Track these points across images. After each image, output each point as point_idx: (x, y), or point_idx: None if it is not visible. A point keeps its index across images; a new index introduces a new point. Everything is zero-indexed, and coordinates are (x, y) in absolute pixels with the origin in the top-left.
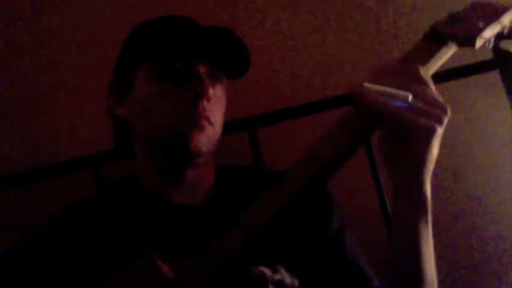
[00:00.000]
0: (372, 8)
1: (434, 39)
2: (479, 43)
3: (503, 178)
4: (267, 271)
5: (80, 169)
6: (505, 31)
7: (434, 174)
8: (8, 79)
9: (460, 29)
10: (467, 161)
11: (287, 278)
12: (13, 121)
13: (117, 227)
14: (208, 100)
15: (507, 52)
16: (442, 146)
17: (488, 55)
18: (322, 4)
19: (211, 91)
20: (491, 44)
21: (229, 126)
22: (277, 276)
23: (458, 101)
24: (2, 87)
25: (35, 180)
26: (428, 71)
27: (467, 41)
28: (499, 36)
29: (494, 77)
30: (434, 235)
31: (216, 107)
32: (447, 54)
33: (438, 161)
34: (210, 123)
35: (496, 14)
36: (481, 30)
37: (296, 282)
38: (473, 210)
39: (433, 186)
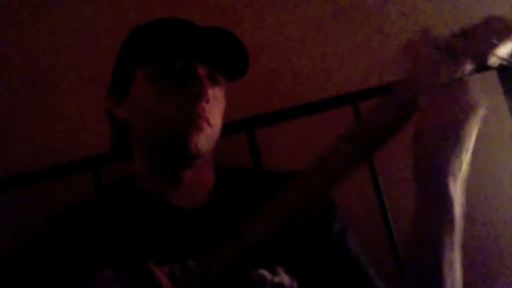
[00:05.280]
0: (372, 8)
1: (447, 54)
2: (492, 61)
3: (503, 178)
4: (266, 273)
5: (79, 171)
6: None
7: None
8: (7, 80)
9: (472, 45)
10: None
11: (286, 280)
12: (12, 123)
13: (115, 228)
14: (208, 102)
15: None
16: None
17: None
18: (322, 4)
19: (210, 93)
20: (506, 62)
21: (227, 127)
22: (276, 279)
23: None
24: (1, 88)
25: (34, 182)
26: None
27: (480, 58)
28: None
29: (492, 76)
30: None
31: (215, 108)
32: (460, 70)
33: None
34: (209, 125)
35: (510, 30)
36: (495, 47)
37: (295, 284)
38: (473, 211)
39: None
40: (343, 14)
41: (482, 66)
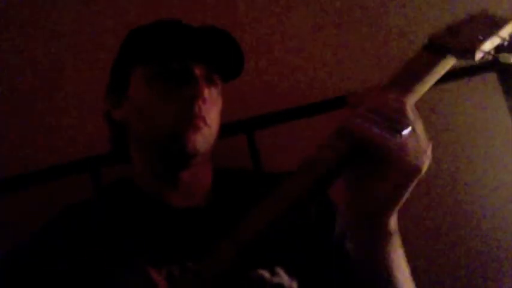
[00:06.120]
0: (372, 8)
1: (433, 51)
2: (478, 56)
3: (503, 178)
4: (266, 274)
5: (78, 171)
6: (505, 44)
7: (434, 175)
8: (7, 80)
9: (459, 41)
10: (467, 161)
11: (286, 281)
12: (11, 123)
13: (115, 229)
14: (204, 101)
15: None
16: (442, 146)
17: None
18: (322, 4)
19: (206, 92)
20: (491, 57)
21: (227, 129)
22: (275, 279)
23: (456, 101)
24: (1, 88)
25: (33, 183)
26: (414, 100)
27: (466, 54)
28: (499, 49)
29: (491, 77)
30: (435, 235)
31: (212, 108)
32: (446, 67)
33: (437, 161)
34: (206, 124)
35: (495, 26)
36: (481, 43)
37: (295, 284)
38: (473, 210)
39: (432, 185)
40: (343, 14)
41: (469, 61)
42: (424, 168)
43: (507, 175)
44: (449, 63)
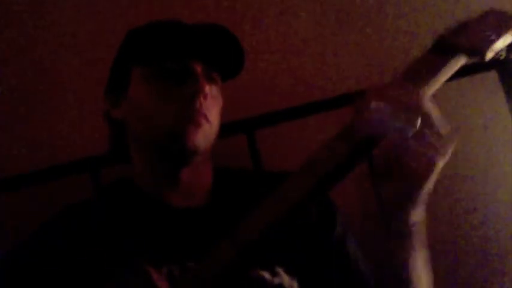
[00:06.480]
0: (372, 8)
1: (442, 50)
2: (490, 55)
3: (503, 178)
4: (266, 274)
5: (77, 171)
6: None
7: None
8: (7, 80)
9: (469, 40)
10: (467, 161)
11: (286, 281)
12: (11, 123)
13: (115, 229)
14: (205, 97)
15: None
16: None
17: None
18: (322, 4)
19: (207, 89)
20: (503, 56)
21: (227, 129)
22: (276, 280)
23: (456, 100)
24: (1, 88)
25: (33, 183)
26: (430, 91)
27: (477, 53)
28: (510, 47)
29: (492, 76)
30: (435, 235)
31: (212, 105)
32: (455, 67)
33: None
34: (207, 121)
35: (507, 24)
36: (492, 41)
37: (295, 285)
38: (473, 210)
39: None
40: (343, 14)
41: (479, 61)
42: (431, 176)
43: (507, 175)
44: (459, 62)
